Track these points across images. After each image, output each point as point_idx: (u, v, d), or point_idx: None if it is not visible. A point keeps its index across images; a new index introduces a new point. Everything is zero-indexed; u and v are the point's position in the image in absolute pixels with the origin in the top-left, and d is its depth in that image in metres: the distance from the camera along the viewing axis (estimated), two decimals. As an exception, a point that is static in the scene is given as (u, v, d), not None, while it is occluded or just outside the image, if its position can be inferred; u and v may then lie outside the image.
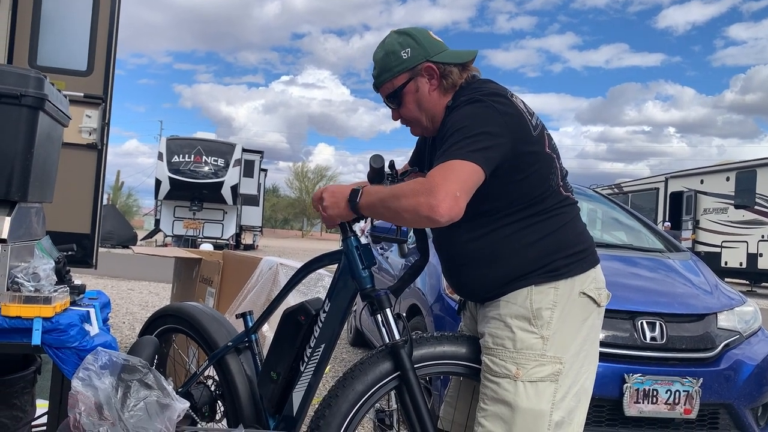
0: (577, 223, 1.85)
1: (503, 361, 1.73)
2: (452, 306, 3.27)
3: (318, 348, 1.94)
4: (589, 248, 1.83)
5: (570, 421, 1.74)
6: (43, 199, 2.07)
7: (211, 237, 19.64)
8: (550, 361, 1.71)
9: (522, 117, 1.71)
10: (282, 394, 2.01)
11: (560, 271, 1.75)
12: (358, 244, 1.93)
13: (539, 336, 1.72)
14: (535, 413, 1.69)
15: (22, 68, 1.86)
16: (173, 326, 2.42)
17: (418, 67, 1.80)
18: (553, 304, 1.73)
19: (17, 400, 2.10)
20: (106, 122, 3.78)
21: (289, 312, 2.06)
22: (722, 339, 3.09)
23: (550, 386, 1.70)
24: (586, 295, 1.77)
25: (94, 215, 3.83)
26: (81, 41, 3.84)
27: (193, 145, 19.50)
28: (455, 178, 1.57)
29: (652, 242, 4.26)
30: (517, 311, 1.74)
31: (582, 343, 1.76)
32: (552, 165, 1.77)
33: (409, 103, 1.84)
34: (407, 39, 1.82)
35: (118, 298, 8.24)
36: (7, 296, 1.65)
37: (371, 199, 1.72)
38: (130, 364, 1.56)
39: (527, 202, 1.75)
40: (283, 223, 70.20)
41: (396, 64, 1.81)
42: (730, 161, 18.07)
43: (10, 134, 1.77)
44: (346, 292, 1.94)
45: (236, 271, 3.97)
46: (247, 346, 2.21)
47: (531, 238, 1.76)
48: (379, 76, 1.86)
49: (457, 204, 1.56)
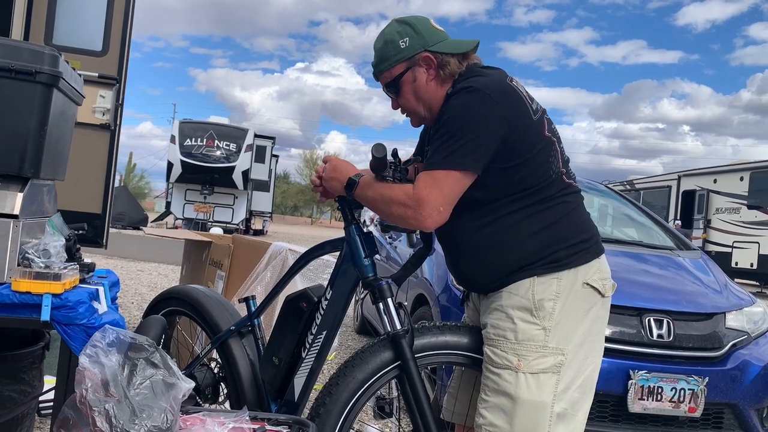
0: (580, 212, 1.83)
1: (504, 353, 1.72)
2: (459, 297, 3.27)
3: (319, 335, 1.95)
4: (592, 238, 1.81)
5: (574, 413, 1.73)
6: (56, 176, 2.08)
7: (222, 221, 19.68)
8: (552, 353, 1.70)
9: (521, 101, 1.72)
10: (284, 379, 2.02)
11: (563, 261, 1.74)
12: (360, 232, 1.93)
13: (541, 327, 1.71)
14: (536, 405, 1.68)
15: (38, 45, 1.86)
16: (177, 308, 2.44)
17: (416, 57, 1.79)
18: (556, 295, 1.72)
19: (25, 374, 2.12)
20: (119, 103, 3.78)
21: (291, 298, 2.07)
22: (730, 339, 3.08)
23: (551, 378, 1.70)
24: (590, 286, 1.76)
25: (106, 195, 3.85)
26: (97, 22, 3.85)
27: (206, 129, 19.52)
28: (439, 193, 1.67)
29: (662, 240, 4.23)
30: (519, 302, 1.73)
31: (585, 335, 1.75)
32: (551, 148, 1.76)
33: (406, 93, 1.84)
34: (406, 28, 1.81)
35: (127, 279, 8.30)
36: (18, 272, 1.66)
37: (366, 194, 1.80)
38: (137, 343, 1.57)
39: (528, 188, 1.73)
40: (292, 210, 70.36)
41: (394, 53, 1.81)
42: (745, 161, 17.89)
43: (24, 111, 1.77)
44: (348, 280, 1.94)
45: (246, 255, 3.98)
46: (249, 331, 2.21)
47: (533, 227, 1.74)
48: (377, 65, 1.87)
49: (441, 216, 1.69)
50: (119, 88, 3.79)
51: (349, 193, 1.84)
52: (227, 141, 19.40)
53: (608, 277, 1.82)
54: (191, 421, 1.55)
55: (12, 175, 1.78)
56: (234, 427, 1.54)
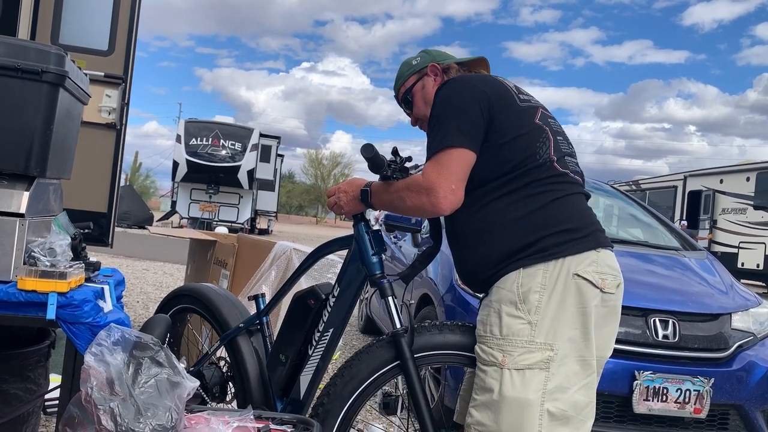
0: (573, 201, 1.79)
1: (491, 349, 1.70)
2: (464, 297, 3.27)
3: (326, 332, 1.95)
4: (586, 228, 1.76)
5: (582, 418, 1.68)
6: (62, 175, 2.09)
7: (227, 220, 19.72)
8: (539, 348, 1.65)
9: (503, 87, 1.83)
10: (290, 377, 2.03)
11: (550, 250, 1.69)
12: (368, 230, 1.94)
13: (526, 321, 1.67)
14: (520, 402, 1.63)
15: (44, 44, 1.87)
16: (188, 306, 2.45)
17: (425, 69, 2.01)
18: (542, 287, 1.67)
19: (31, 373, 2.13)
20: (125, 102, 3.79)
21: (299, 296, 2.07)
22: (736, 340, 3.07)
23: (538, 374, 1.64)
24: (583, 278, 1.69)
25: (112, 195, 3.86)
26: (103, 21, 3.85)
27: (211, 129, 19.55)
28: (447, 172, 1.71)
29: (668, 240, 4.22)
30: (505, 296, 1.70)
31: (579, 329, 1.69)
32: (540, 135, 1.79)
33: (418, 102, 2.02)
34: (421, 53, 2.07)
35: (132, 278, 8.32)
36: (24, 270, 1.67)
37: (381, 197, 1.87)
38: (142, 342, 1.57)
39: (513, 170, 1.74)
40: (297, 209, 70.43)
41: (407, 70, 2.05)
42: (751, 161, 17.81)
43: (31, 110, 1.78)
44: (356, 278, 1.95)
45: (250, 254, 3.99)
46: (258, 329, 2.22)
47: (518, 213, 1.73)
48: (395, 83, 2.09)
49: (455, 195, 1.72)
50: (125, 87, 3.79)
51: (366, 202, 1.91)
52: (233, 140, 19.42)
53: (609, 272, 1.74)
54: (196, 420, 1.55)
55: (18, 173, 1.79)
56: (239, 425, 1.54)
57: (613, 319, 1.80)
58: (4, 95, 1.74)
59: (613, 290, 1.75)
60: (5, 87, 1.74)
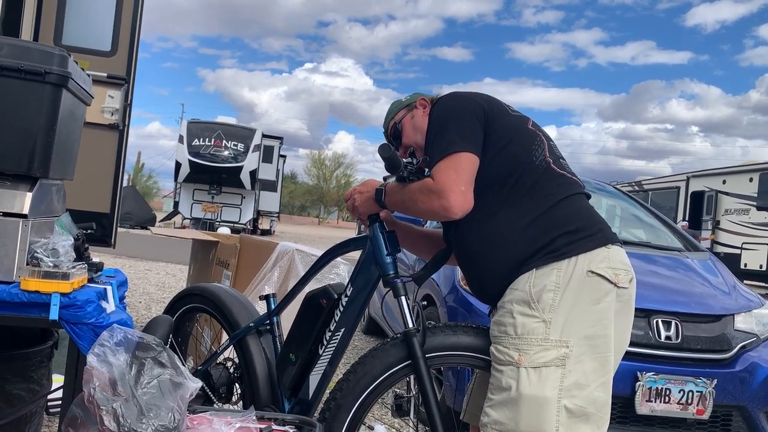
0: (576, 200, 1.82)
1: (506, 348, 1.71)
2: (466, 298, 3.27)
3: (338, 332, 1.95)
4: (594, 226, 1.78)
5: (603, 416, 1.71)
6: (65, 176, 2.09)
7: (229, 221, 19.74)
8: (554, 345, 1.67)
9: (494, 98, 1.93)
10: (299, 377, 2.03)
11: (561, 250, 1.71)
12: (383, 231, 1.95)
13: (540, 320, 1.68)
14: (539, 400, 1.65)
15: (47, 45, 1.87)
16: (198, 306, 2.45)
17: (414, 103, 2.09)
18: (556, 285, 1.69)
19: (34, 373, 2.14)
20: (128, 103, 3.80)
21: (312, 295, 2.08)
22: (739, 341, 3.06)
23: (555, 371, 1.66)
24: (597, 274, 1.71)
25: (114, 195, 3.87)
26: (106, 22, 3.86)
27: (214, 129, 19.57)
28: (454, 174, 1.75)
29: (671, 241, 4.21)
30: (519, 296, 1.72)
31: (596, 326, 1.70)
32: (535, 138, 1.86)
33: (407, 130, 2.06)
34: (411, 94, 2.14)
35: (135, 278, 8.33)
36: (27, 271, 1.67)
37: (395, 198, 1.90)
38: (145, 342, 1.58)
39: (513, 172, 1.79)
40: (300, 210, 70.48)
41: (396, 106, 2.13)
42: (754, 162, 17.77)
43: (34, 111, 1.78)
44: (369, 278, 1.95)
45: (253, 255, 3.99)
46: (268, 329, 2.22)
47: (524, 221, 1.76)
48: (384, 120, 2.15)
49: (465, 198, 1.75)
50: (128, 88, 3.80)
51: (380, 202, 1.94)
52: (235, 141, 19.44)
53: (621, 268, 1.76)
54: (198, 421, 1.55)
55: (21, 174, 1.79)
56: (241, 426, 1.54)
57: (627, 313, 1.81)
58: (7, 96, 1.75)
59: (627, 285, 1.77)
60: (8, 88, 1.74)
